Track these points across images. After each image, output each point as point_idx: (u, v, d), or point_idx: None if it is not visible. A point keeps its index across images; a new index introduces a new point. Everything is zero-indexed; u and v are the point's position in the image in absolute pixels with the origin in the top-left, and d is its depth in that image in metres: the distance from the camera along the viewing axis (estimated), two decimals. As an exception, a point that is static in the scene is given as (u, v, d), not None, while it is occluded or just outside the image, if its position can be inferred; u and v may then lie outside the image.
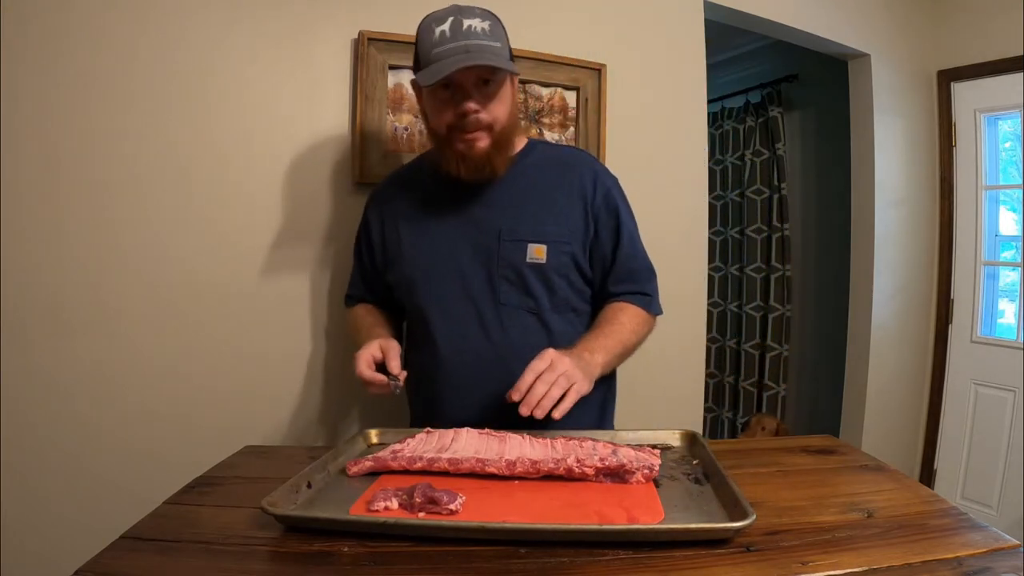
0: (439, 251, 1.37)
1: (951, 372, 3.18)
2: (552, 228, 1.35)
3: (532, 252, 1.33)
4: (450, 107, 1.27)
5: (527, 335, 1.34)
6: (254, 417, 1.72)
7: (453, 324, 1.35)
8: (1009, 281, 3.08)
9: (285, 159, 1.73)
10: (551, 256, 1.34)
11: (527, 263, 1.33)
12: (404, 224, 1.42)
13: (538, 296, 1.34)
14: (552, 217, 1.36)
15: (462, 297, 1.35)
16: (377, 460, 0.99)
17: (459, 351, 1.34)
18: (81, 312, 1.55)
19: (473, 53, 1.20)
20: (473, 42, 1.21)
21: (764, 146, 3.81)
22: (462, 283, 1.35)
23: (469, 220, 1.37)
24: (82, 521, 1.51)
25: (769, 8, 2.55)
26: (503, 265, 1.33)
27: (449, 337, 1.35)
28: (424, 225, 1.40)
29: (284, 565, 0.77)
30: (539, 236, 1.34)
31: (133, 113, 1.58)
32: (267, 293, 1.73)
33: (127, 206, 1.59)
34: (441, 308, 1.36)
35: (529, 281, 1.34)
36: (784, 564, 0.74)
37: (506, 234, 1.34)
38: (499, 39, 1.26)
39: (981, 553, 0.77)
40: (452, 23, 1.22)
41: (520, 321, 1.34)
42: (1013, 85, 2.86)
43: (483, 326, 1.34)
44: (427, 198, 1.42)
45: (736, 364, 4.09)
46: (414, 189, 1.45)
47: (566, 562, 0.75)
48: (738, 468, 1.04)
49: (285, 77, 1.72)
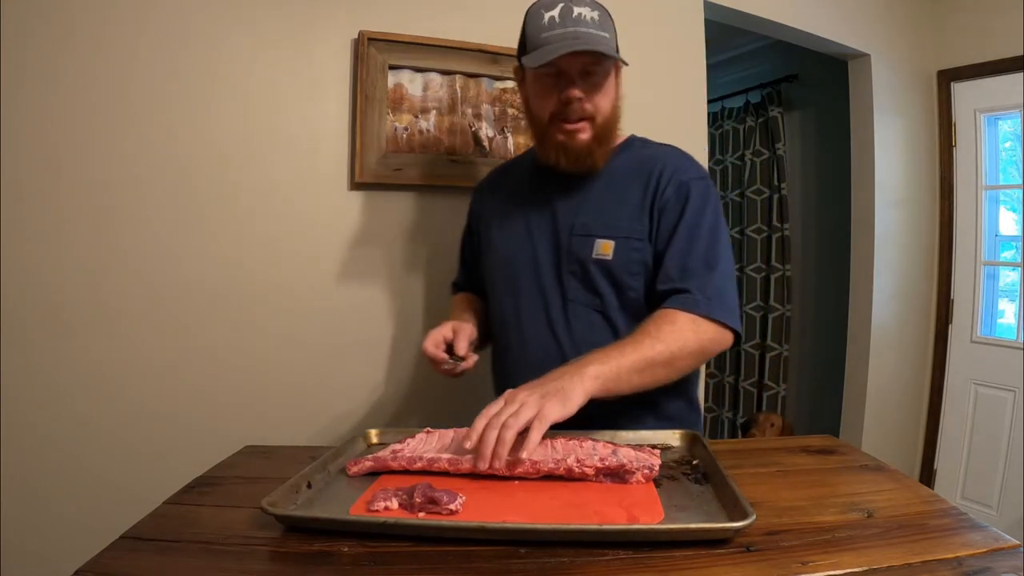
0: (520, 244, 1.36)
1: (951, 372, 3.18)
2: (623, 224, 1.29)
3: (599, 248, 1.28)
4: (554, 94, 1.24)
5: (593, 333, 1.29)
6: (254, 417, 1.72)
7: (523, 317, 1.34)
8: (1009, 281, 3.09)
9: (285, 158, 1.74)
10: (618, 253, 1.28)
11: (593, 259, 1.29)
12: (496, 216, 1.43)
13: (604, 294, 1.29)
14: (625, 213, 1.30)
15: (534, 291, 1.34)
16: (377, 460, 0.99)
17: (527, 345, 1.33)
18: (81, 312, 1.56)
19: (582, 39, 1.19)
20: (583, 29, 1.20)
21: (764, 146, 3.82)
22: (536, 277, 1.34)
23: (550, 213, 1.35)
24: (82, 521, 1.51)
25: (769, 8, 2.56)
26: (571, 260, 1.31)
27: (519, 330, 1.35)
28: (512, 217, 1.40)
29: (284, 565, 0.77)
30: (608, 231, 1.29)
31: (133, 113, 1.58)
32: (267, 292, 1.73)
33: (127, 206, 1.59)
34: (514, 301, 1.36)
35: (595, 278, 1.29)
36: (784, 564, 0.74)
37: (578, 228, 1.31)
38: (608, 30, 1.25)
39: (981, 553, 0.77)
40: (562, 9, 1.21)
41: (587, 319, 1.31)
42: (1013, 85, 2.86)
43: (551, 321, 1.32)
44: (520, 190, 1.42)
45: (736, 364, 4.09)
46: (511, 181, 1.46)
47: (566, 562, 0.75)
48: (738, 468, 1.04)
49: (285, 77, 1.73)
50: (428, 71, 1.83)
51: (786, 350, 3.78)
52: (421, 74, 1.83)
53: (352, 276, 1.82)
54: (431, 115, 1.84)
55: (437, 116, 1.85)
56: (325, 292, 1.80)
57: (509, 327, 1.37)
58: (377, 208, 1.83)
